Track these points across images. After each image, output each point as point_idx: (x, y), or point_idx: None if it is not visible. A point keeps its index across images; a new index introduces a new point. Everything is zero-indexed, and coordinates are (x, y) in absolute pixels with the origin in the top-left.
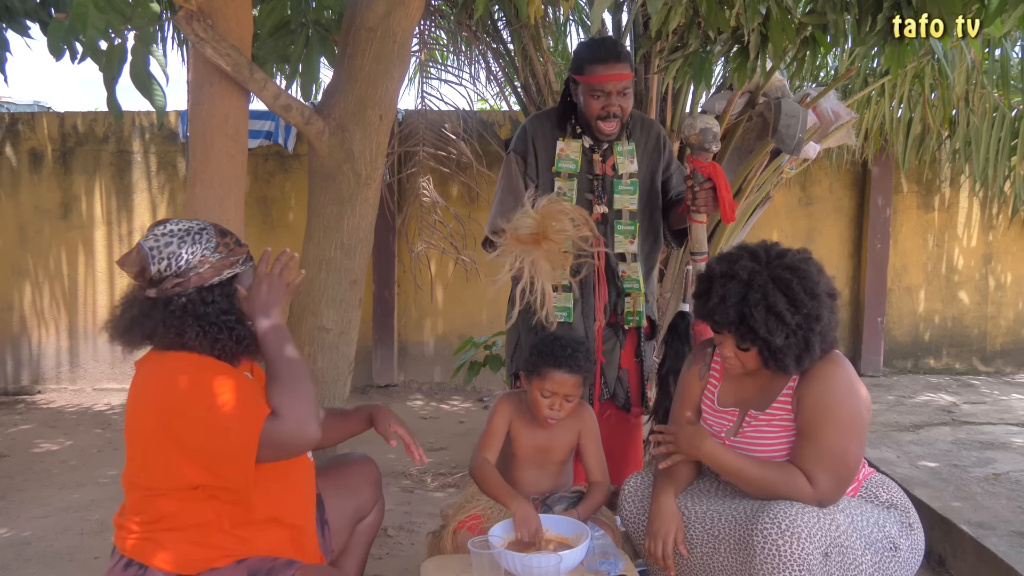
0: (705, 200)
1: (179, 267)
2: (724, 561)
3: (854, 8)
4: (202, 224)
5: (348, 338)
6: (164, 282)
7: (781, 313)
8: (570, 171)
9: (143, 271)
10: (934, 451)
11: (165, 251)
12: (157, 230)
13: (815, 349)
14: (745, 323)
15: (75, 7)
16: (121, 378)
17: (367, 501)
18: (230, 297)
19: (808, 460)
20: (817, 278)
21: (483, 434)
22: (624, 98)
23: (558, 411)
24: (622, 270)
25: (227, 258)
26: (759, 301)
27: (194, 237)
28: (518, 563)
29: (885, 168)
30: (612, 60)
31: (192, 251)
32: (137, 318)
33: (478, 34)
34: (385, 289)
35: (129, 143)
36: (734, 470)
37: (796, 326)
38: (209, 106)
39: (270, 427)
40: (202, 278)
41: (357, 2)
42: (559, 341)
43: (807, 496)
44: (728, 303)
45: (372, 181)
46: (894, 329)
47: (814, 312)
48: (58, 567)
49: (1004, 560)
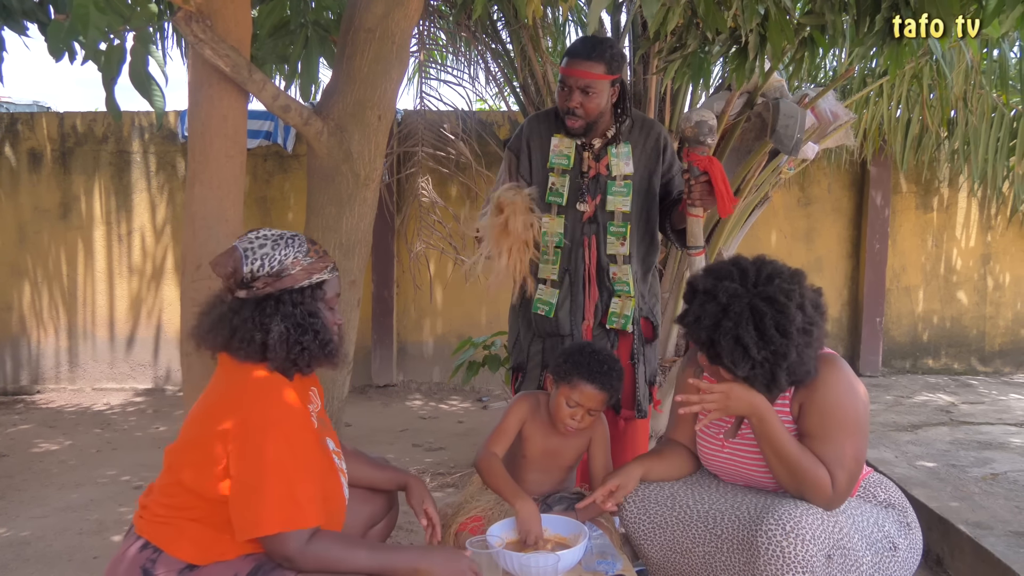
0: (700, 193)
1: (272, 267)
2: (726, 561)
3: (852, 9)
4: (293, 233)
5: (346, 338)
6: (256, 282)
7: (748, 347)
8: (563, 167)
9: (235, 272)
10: (932, 451)
11: (259, 252)
12: (251, 234)
13: (781, 383)
14: (713, 348)
15: (75, 8)
16: (120, 378)
17: (380, 507)
18: (317, 302)
19: (825, 461)
20: (793, 315)
21: (495, 429)
22: (585, 96)
23: (579, 422)
24: (613, 272)
25: (317, 263)
26: (729, 331)
27: (287, 241)
28: (516, 563)
29: (884, 168)
30: (581, 56)
31: (285, 253)
32: (226, 315)
33: (477, 34)
34: (384, 289)
35: (128, 143)
36: (777, 438)
37: (762, 360)
38: (208, 107)
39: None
40: (293, 279)
41: (356, 3)
42: (597, 355)
43: (826, 492)
44: (701, 324)
45: (371, 181)
46: (893, 329)
47: (781, 350)
48: (57, 567)
49: (1002, 560)
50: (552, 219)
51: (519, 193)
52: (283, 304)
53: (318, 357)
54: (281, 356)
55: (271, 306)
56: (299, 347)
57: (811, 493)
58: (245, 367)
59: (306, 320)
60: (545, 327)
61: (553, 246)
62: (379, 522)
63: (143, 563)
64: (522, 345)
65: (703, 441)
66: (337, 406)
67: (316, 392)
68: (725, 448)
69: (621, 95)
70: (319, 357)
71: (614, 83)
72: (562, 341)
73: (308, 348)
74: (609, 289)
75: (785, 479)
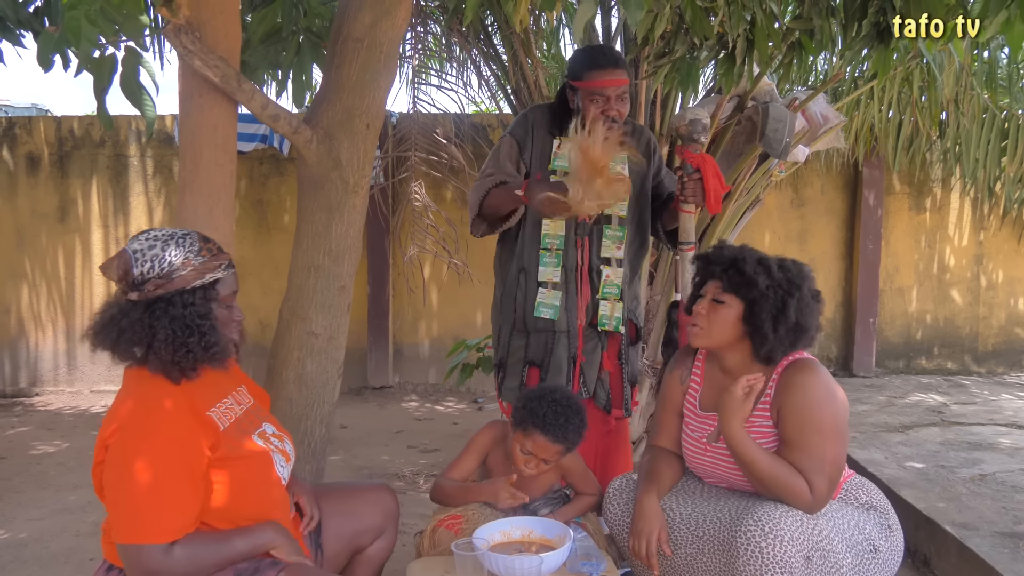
0: (693, 190)
1: (162, 269)
2: (708, 562)
3: (840, 13)
4: (185, 231)
5: (337, 343)
6: (146, 284)
7: (769, 266)
8: (565, 169)
9: (126, 274)
10: (922, 452)
11: (148, 254)
12: (141, 236)
13: (790, 315)
14: (735, 266)
15: (67, 20)
16: (118, 380)
17: (369, 528)
18: (210, 302)
19: (802, 467)
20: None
21: (453, 460)
22: (622, 103)
23: (533, 469)
24: (606, 274)
25: (209, 262)
26: (752, 255)
27: (178, 241)
28: (501, 564)
29: (876, 169)
30: (611, 66)
31: (175, 254)
32: (116, 317)
33: (469, 39)
34: (380, 292)
35: (125, 147)
36: (748, 455)
37: (778, 283)
38: (198, 116)
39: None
40: (184, 280)
41: (344, 13)
42: (556, 405)
43: (804, 499)
44: (725, 251)
45: (360, 188)
46: (886, 329)
47: (796, 280)
48: (54, 568)
49: (986, 560)
50: (553, 222)
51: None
52: (173, 306)
53: (202, 359)
54: (166, 359)
55: (160, 308)
56: (184, 349)
57: (789, 501)
58: (132, 371)
59: (195, 322)
60: (539, 323)
61: (555, 248)
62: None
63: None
64: (503, 340)
65: (688, 444)
66: (328, 410)
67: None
68: (708, 451)
69: None
70: (203, 359)
71: None
72: (554, 337)
73: (192, 351)
74: (596, 289)
75: (761, 489)
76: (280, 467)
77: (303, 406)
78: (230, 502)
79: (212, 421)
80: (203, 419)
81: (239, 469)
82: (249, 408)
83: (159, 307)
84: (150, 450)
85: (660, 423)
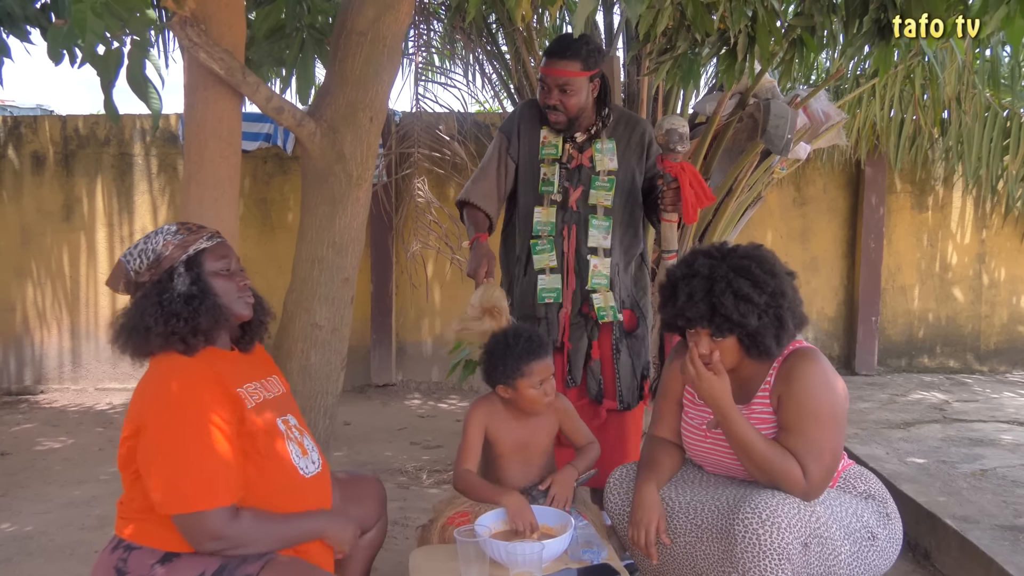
0: (672, 200)
1: (149, 258)
2: (706, 550)
3: (841, 10)
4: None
5: (340, 335)
6: (142, 277)
7: (748, 295)
8: (552, 156)
9: (126, 277)
10: (923, 448)
11: (135, 252)
12: (128, 248)
13: (788, 324)
14: (717, 313)
15: (74, 14)
16: (123, 378)
17: (369, 516)
18: (198, 271)
19: (798, 453)
20: (772, 260)
21: (460, 447)
22: (564, 94)
23: (551, 391)
24: (594, 264)
25: (189, 237)
26: (725, 289)
27: (156, 232)
28: (502, 551)
29: (878, 168)
30: (556, 56)
31: (156, 240)
32: (131, 312)
33: (472, 37)
34: (383, 289)
35: (130, 145)
36: (744, 438)
37: (765, 305)
38: (203, 109)
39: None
40: (171, 259)
41: (347, 7)
42: (525, 336)
43: (799, 484)
44: (696, 298)
45: (363, 182)
46: (888, 328)
47: (778, 289)
48: (59, 561)
49: (986, 553)
50: (544, 209)
51: (502, 295)
52: (163, 283)
53: (209, 323)
54: (165, 332)
55: (155, 291)
56: (175, 319)
57: (784, 486)
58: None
59: (186, 289)
60: (542, 310)
61: (546, 235)
62: (369, 531)
63: (115, 563)
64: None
65: (687, 432)
66: (332, 401)
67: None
68: (708, 438)
69: (602, 89)
70: (198, 324)
71: (592, 78)
72: (536, 323)
73: (182, 316)
74: (584, 279)
75: (755, 473)
76: (296, 457)
77: (307, 397)
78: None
79: (240, 398)
80: (231, 394)
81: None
82: (278, 396)
83: (154, 290)
84: (191, 418)
85: (660, 413)
